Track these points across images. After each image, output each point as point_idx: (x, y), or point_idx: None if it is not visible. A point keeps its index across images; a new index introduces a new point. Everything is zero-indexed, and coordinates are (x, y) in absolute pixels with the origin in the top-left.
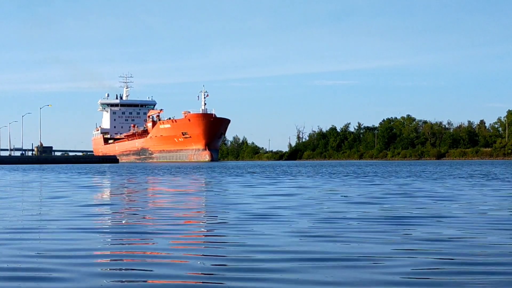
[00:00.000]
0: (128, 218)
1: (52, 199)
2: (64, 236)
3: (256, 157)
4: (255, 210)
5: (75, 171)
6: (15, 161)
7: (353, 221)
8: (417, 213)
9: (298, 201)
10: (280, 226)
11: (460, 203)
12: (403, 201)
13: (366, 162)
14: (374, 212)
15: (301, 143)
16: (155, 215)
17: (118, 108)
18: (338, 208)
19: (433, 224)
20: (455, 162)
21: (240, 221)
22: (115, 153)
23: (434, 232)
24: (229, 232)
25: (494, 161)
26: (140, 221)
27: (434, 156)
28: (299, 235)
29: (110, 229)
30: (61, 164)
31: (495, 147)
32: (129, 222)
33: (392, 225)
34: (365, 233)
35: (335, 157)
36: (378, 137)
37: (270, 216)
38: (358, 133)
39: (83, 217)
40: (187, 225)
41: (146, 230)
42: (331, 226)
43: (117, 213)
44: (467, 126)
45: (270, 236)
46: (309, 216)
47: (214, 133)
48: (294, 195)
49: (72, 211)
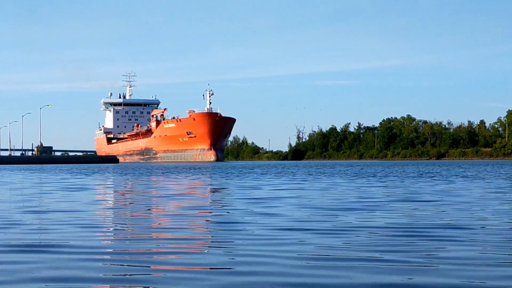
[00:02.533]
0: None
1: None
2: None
3: (256, 157)
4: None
5: (67, 172)
6: (15, 161)
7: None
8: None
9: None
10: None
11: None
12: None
13: (371, 162)
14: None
15: (301, 143)
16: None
17: (121, 108)
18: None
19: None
20: (460, 162)
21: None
22: (118, 153)
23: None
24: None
25: (495, 161)
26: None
27: (434, 156)
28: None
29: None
30: (61, 164)
31: (495, 147)
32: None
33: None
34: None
35: (335, 157)
36: (378, 137)
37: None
38: (358, 133)
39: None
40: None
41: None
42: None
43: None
44: (467, 126)
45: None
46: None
47: (220, 133)
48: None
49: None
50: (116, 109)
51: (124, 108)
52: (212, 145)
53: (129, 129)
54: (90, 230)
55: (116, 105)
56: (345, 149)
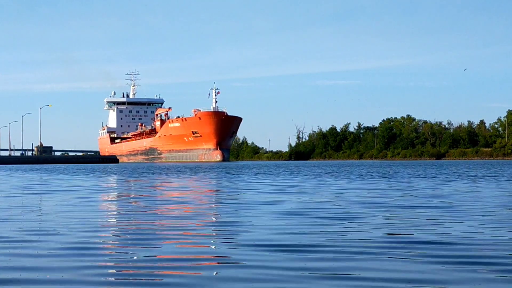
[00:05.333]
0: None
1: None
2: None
3: (256, 157)
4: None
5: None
6: (15, 161)
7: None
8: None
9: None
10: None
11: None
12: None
13: (375, 163)
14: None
15: (301, 143)
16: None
17: (125, 107)
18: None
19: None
20: (461, 162)
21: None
22: (122, 152)
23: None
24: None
25: (495, 161)
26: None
27: (434, 156)
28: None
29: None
30: (61, 164)
31: (495, 147)
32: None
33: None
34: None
35: (335, 157)
36: (378, 137)
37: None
38: (358, 133)
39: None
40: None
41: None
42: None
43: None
44: (467, 126)
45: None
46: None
47: (226, 132)
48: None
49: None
50: (120, 108)
51: (127, 107)
52: (218, 145)
53: (133, 129)
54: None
55: (119, 104)
56: (345, 149)
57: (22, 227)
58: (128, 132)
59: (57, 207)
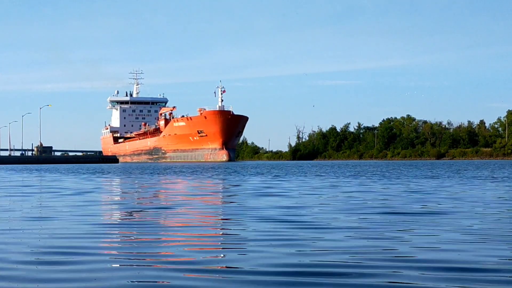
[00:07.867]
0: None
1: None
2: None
3: (256, 157)
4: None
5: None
6: (15, 161)
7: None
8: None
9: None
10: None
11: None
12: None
13: (375, 163)
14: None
15: (301, 143)
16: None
17: (128, 106)
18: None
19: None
20: (464, 162)
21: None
22: (126, 152)
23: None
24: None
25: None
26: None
27: (434, 156)
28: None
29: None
30: (61, 164)
31: (495, 147)
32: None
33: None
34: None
35: (334, 157)
36: (378, 137)
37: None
38: (358, 133)
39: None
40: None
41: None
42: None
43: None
44: (467, 126)
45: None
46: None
47: (232, 131)
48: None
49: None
50: (123, 108)
51: (131, 107)
52: (224, 145)
53: (136, 128)
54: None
55: (123, 103)
56: (345, 149)
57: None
58: (132, 131)
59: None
